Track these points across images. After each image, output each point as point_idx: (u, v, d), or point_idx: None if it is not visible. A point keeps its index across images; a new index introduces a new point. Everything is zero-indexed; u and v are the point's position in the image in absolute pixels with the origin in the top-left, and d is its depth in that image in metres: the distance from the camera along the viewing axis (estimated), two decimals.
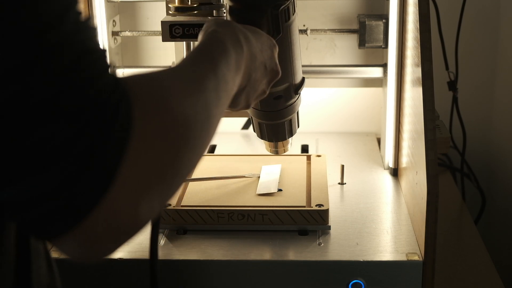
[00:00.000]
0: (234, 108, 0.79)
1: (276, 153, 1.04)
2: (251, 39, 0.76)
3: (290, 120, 0.98)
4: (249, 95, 0.78)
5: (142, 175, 0.49)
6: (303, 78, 0.97)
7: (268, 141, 1.01)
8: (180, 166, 0.54)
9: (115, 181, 0.47)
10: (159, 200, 0.52)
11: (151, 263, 0.73)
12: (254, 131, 1.01)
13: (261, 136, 1.01)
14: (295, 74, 0.94)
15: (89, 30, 0.50)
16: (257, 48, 0.77)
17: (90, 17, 0.52)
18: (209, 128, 0.59)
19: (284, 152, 1.04)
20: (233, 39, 0.72)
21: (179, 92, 0.55)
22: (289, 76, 0.93)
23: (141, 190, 0.49)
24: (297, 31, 0.92)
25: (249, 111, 0.97)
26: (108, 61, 0.52)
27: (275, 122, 0.97)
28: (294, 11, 0.89)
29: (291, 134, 1.00)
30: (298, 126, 1.02)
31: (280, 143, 1.02)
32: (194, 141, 0.55)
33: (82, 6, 0.50)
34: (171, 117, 0.52)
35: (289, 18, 0.88)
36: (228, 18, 0.88)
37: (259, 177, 1.06)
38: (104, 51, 0.52)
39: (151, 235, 0.71)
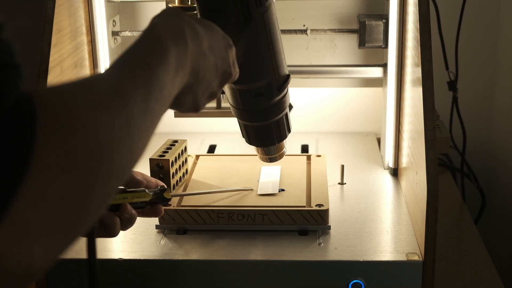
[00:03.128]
0: (180, 109, 0.71)
1: (269, 160, 0.98)
2: (201, 35, 0.69)
3: (278, 122, 0.92)
4: (197, 95, 0.71)
5: (40, 214, 0.42)
6: (288, 75, 0.88)
7: (256, 146, 0.96)
8: (91, 198, 0.47)
9: (4, 222, 0.41)
10: (62, 241, 0.45)
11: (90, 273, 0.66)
12: (243, 136, 0.96)
13: (249, 141, 0.95)
14: (276, 69, 0.86)
15: (4, 44, 0.45)
16: (207, 46, 0.70)
17: (7, 31, 0.46)
18: (133, 146, 0.52)
19: (277, 159, 0.99)
20: (176, 34, 0.65)
21: (94, 108, 0.48)
22: (268, 70, 0.85)
23: (38, 231, 0.42)
24: (276, 21, 0.84)
25: (233, 112, 0.91)
26: (20, 78, 0.45)
27: (260, 124, 0.91)
28: None
29: (280, 138, 0.94)
30: (289, 131, 0.95)
31: (272, 149, 0.96)
32: (111, 165, 0.48)
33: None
34: (79, 140, 0.45)
35: (261, 3, 0.79)
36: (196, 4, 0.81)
37: (251, 189, 1.03)
38: (16, 66, 0.45)
39: (87, 247, 0.63)
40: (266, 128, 0.92)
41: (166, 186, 0.87)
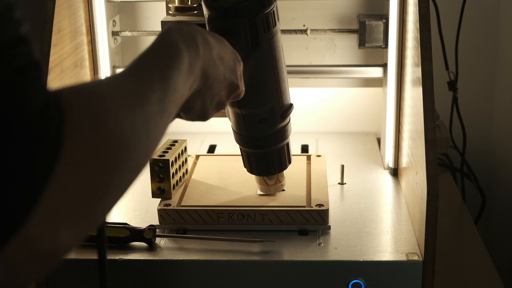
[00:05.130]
0: (189, 114, 0.74)
1: (267, 191, 0.99)
2: (211, 44, 0.72)
3: (279, 151, 0.94)
4: (206, 102, 0.74)
5: (67, 201, 0.47)
6: (291, 104, 0.92)
7: (257, 174, 0.97)
8: (111, 189, 0.51)
9: (37, 207, 0.45)
10: (85, 227, 0.49)
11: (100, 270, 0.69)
12: (244, 166, 0.98)
13: (250, 169, 0.97)
14: (280, 95, 0.89)
15: (27, 43, 0.47)
16: (217, 54, 0.73)
17: (26, 27, 0.48)
18: (149, 144, 0.56)
19: (276, 191, 0.99)
20: (188, 39, 0.68)
21: (116, 106, 0.52)
22: (272, 96, 0.88)
23: (65, 216, 0.47)
24: (281, 49, 0.87)
25: (236, 139, 0.93)
26: (43, 76, 0.48)
27: (261, 151, 0.93)
28: (275, 24, 0.84)
29: (281, 167, 0.95)
30: (290, 162, 0.97)
31: (271, 180, 0.97)
32: (130, 160, 0.52)
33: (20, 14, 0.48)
34: (103, 135, 0.49)
35: (268, 29, 0.83)
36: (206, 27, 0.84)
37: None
38: (38, 65, 0.48)
39: (98, 242, 0.67)
40: (267, 156, 0.94)
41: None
